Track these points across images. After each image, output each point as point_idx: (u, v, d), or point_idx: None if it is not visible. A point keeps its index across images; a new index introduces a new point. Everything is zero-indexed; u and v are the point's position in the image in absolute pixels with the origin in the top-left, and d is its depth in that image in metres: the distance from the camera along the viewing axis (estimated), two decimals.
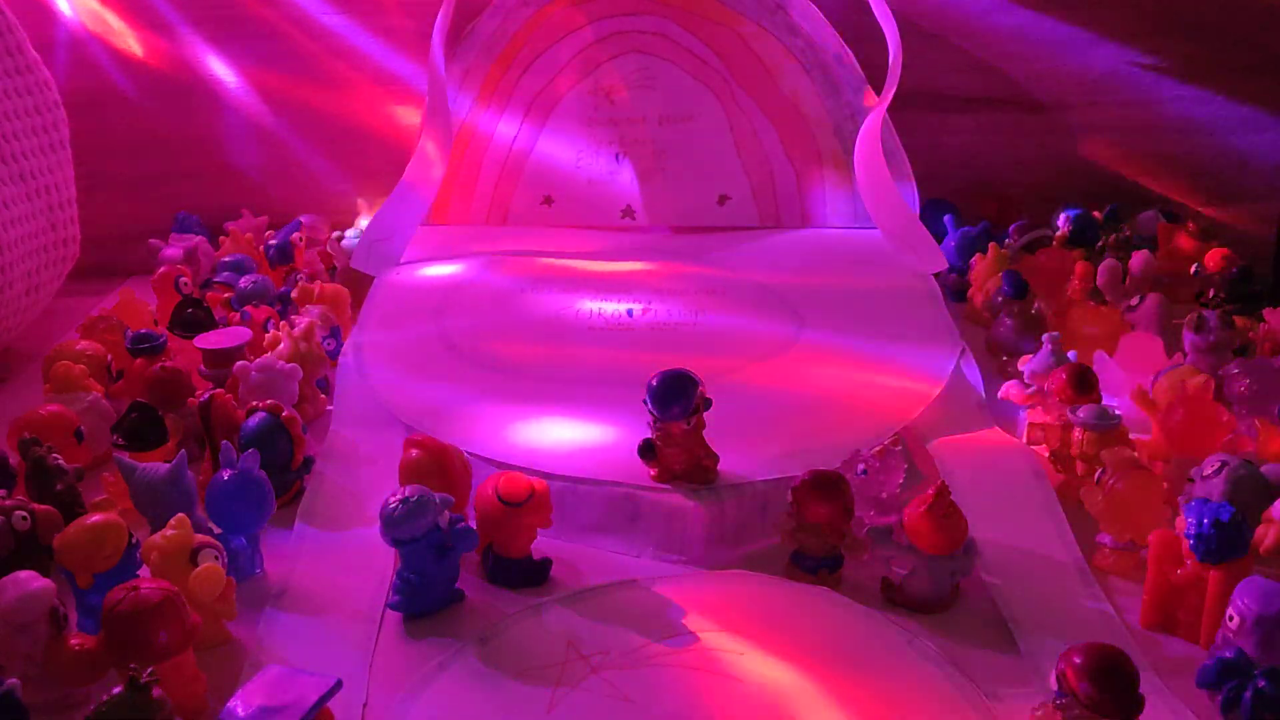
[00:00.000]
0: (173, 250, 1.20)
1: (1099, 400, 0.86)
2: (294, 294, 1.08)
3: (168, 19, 1.26)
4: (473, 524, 0.74)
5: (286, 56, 1.28)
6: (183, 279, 1.10)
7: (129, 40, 1.27)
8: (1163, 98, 1.29)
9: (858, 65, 1.22)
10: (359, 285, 1.12)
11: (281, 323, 0.99)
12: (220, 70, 1.28)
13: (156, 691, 0.56)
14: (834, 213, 1.27)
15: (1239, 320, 1.01)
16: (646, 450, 0.80)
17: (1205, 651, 0.66)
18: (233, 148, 1.31)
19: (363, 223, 1.27)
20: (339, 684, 0.57)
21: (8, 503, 0.72)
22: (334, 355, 1.01)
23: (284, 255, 1.21)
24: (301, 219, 1.28)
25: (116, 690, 0.56)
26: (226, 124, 1.30)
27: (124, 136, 1.30)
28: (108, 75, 1.28)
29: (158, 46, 1.27)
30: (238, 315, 1.03)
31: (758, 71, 1.24)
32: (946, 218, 1.24)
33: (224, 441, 0.77)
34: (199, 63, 1.28)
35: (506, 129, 1.27)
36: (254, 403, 0.84)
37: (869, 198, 1.20)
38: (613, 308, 1.07)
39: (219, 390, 0.87)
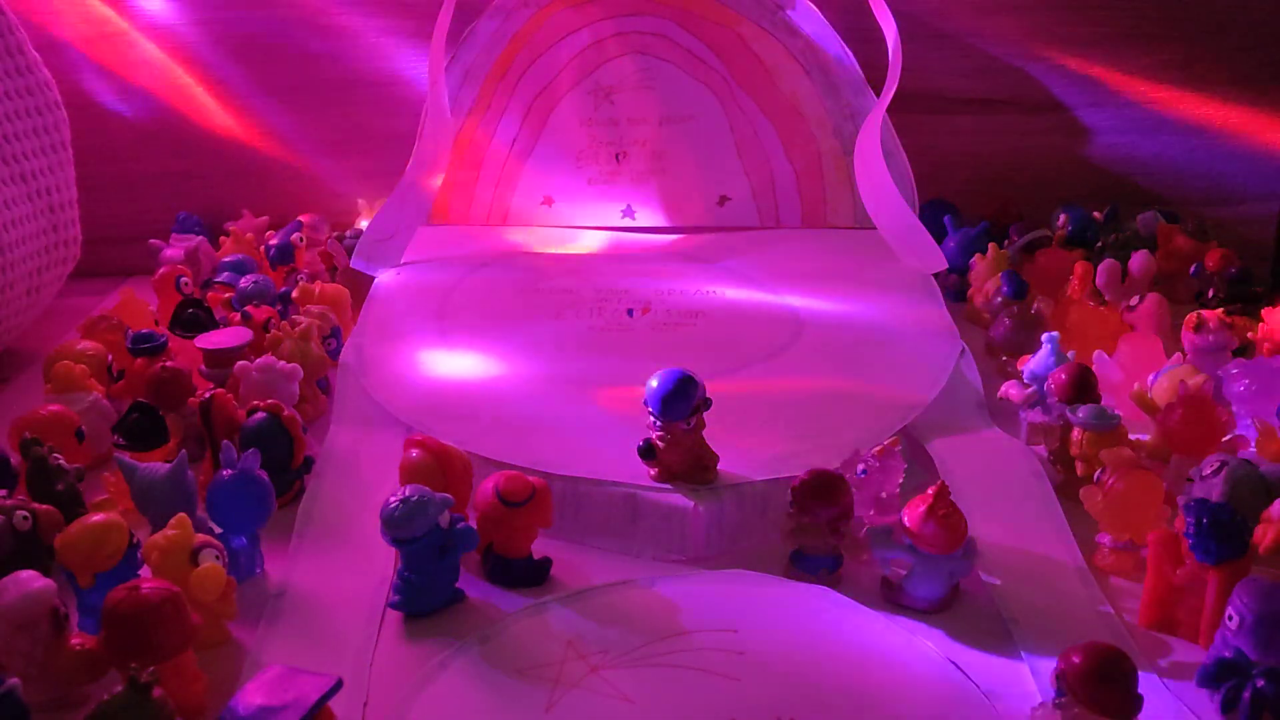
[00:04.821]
0: (173, 250, 1.20)
1: (1099, 400, 0.86)
2: (294, 294, 1.08)
3: (168, 19, 1.26)
4: (473, 524, 0.74)
5: (287, 56, 1.28)
6: (183, 279, 1.10)
7: (129, 40, 1.27)
8: (1162, 98, 1.29)
9: (858, 66, 1.22)
10: (359, 285, 1.12)
11: (282, 323, 1.00)
12: (220, 70, 1.28)
13: (157, 691, 0.56)
14: (834, 213, 1.27)
15: (1239, 320, 1.01)
16: (646, 450, 0.80)
17: (1205, 651, 0.66)
18: (233, 148, 1.31)
19: (363, 223, 1.27)
20: (339, 684, 0.57)
21: (9, 502, 0.72)
22: (334, 355, 1.01)
23: (284, 255, 1.21)
24: (301, 219, 1.28)
25: (117, 690, 0.56)
26: (227, 124, 1.30)
27: (124, 136, 1.30)
28: (108, 75, 1.28)
29: (158, 46, 1.27)
30: (238, 315, 1.03)
31: (758, 72, 1.24)
32: (946, 218, 1.24)
33: (224, 441, 0.77)
34: (199, 63, 1.28)
35: (506, 129, 1.27)
36: (254, 403, 0.84)
37: (869, 198, 1.20)
38: (613, 308, 1.07)
39: (219, 390, 0.87)
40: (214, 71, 1.28)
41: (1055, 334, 0.94)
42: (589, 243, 1.24)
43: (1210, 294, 1.13)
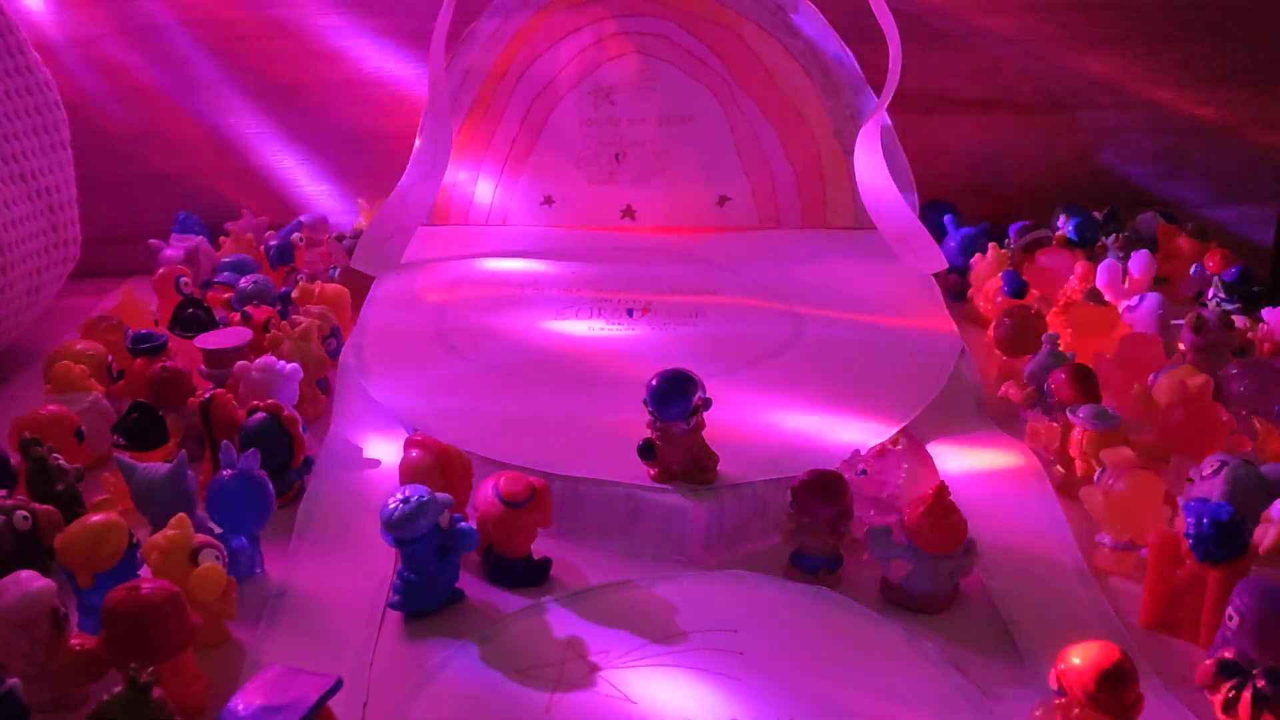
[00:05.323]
0: (173, 250, 1.20)
1: (1099, 400, 0.86)
2: (294, 294, 1.08)
3: (169, 19, 1.26)
4: (473, 524, 0.74)
5: (287, 56, 1.28)
6: (183, 279, 1.10)
7: (129, 40, 1.27)
8: (1162, 98, 1.29)
9: (858, 66, 1.22)
10: (359, 285, 1.12)
11: (282, 323, 1.00)
12: (220, 70, 1.28)
13: (157, 691, 0.56)
14: (834, 213, 1.27)
15: (1239, 320, 1.01)
16: (646, 450, 0.80)
17: (1205, 651, 0.66)
18: (233, 148, 1.31)
19: (363, 223, 1.27)
20: (339, 683, 0.57)
21: (9, 502, 0.72)
22: (334, 355, 1.01)
23: (284, 255, 1.21)
24: (301, 219, 1.28)
25: (117, 690, 0.56)
26: (226, 124, 1.30)
27: (124, 136, 1.30)
28: (108, 75, 1.28)
29: (158, 47, 1.27)
30: (238, 315, 1.03)
31: (758, 72, 1.24)
32: (946, 218, 1.24)
33: (224, 441, 0.77)
34: (199, 63, 1.28)
35: (506, 129, 1.27)
36: (254, 403, 0.84)
37: (869, 198, 1.20)
38: (613, 308, 1.07)
39: (219, 390, 0.87)
40: (214, 71, 1.28)
41: (1055, 334, 0.94)
42: (589, 243, 1.24)
43: (1210, 294, 1.12)
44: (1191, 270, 1.16)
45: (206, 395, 0.85)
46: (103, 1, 1.25)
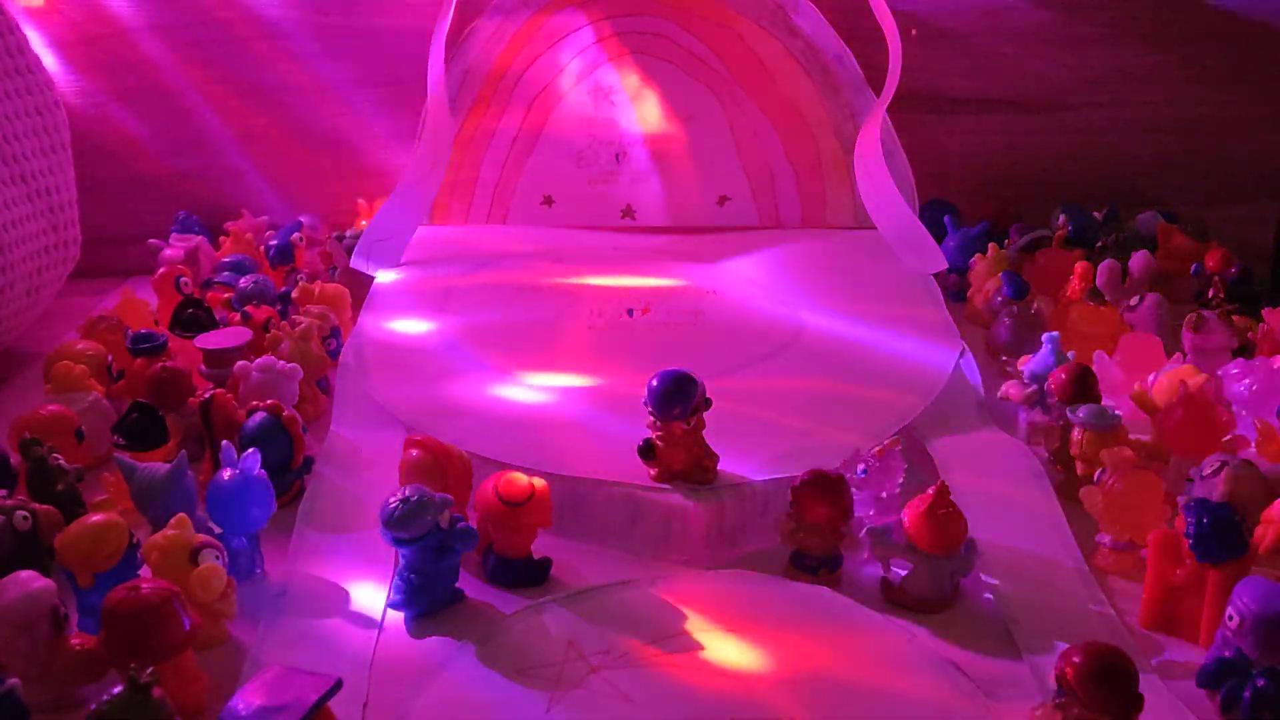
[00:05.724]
0: (173, 250, 1.20)
1: (1099, 400, 0.86)
2: (294, 294, 1.08)
3: (168, 19, 1.26)
4: (473, 524, 0.74)
5: (286, 56, 1.28)
6: (183, 279, 1.10)
7: (129, 40, 1.27)
8: (1163, 98, 1.29)
9: (858, 66, 1.22)
10: (359, 285, 1.12)
11: (282, 323, 1.00)
12: (220, 71, 1.28)
13: (157, 691, 0.56)
14: (834, 213, 1.27)
15: (1239, 320, 1.01)
16: (646, 450, 0.80)
17: (1205, 651, 0.66)
18: (233, 148, 1.31)
19: (363, 223, 1.27)
20: (339, 684, 0.57)
21: (9, 502, 0.72)
22: (334, 355, 1.01)
23: (284, 255, 1.21)
24: (301, 219, 1.28)
25: (116, 690, 0.56)
26: (226, 124, 1.30)
27: (124, 136, 1.30)
28: (108, 75, 1.28)
29: (157, 47, 1.27)
30: (238, 315, 1.03)
31: (758, 72, 1.24)
32: (946, 218, 1.24)
33: (224, 441, 0.77)
34: (199, 63, 1.28)
35: (506, 129, 1.27)
36: (254, 403, 0.84)
37: (869, 198, 1.20)
38: (613, 308, 1.07)
39: (219, 390, 0.87)
40: (214, 71, 1.28)
41: (1055, 334, 0.94)
42: (589, 243, 1.24)
43: (1210, 294, 1.12)
44: (1192, 270, 1.16)
45: (206, 395, 0.85)
46: (102, 1, 1.25)
